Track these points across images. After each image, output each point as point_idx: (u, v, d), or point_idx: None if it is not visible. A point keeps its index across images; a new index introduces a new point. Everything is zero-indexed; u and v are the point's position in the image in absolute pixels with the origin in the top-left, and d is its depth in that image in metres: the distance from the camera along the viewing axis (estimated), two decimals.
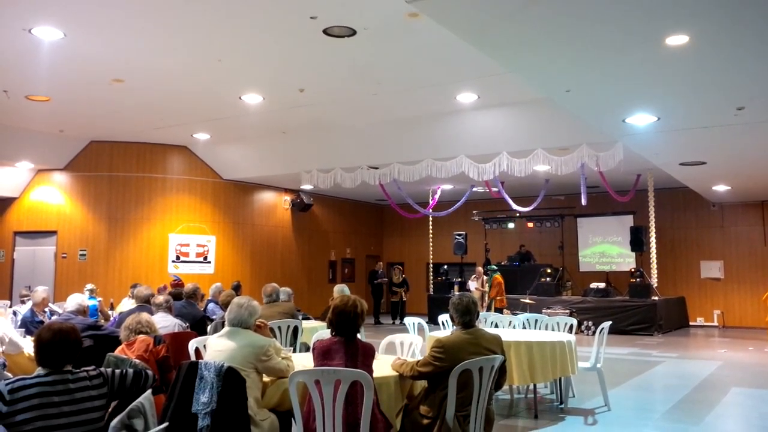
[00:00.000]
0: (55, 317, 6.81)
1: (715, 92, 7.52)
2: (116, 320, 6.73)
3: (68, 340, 2.97)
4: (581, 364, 6.66)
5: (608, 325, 6.97)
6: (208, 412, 3.57)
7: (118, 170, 14.29)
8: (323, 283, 18.22)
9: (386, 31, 7.65)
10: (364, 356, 3.82)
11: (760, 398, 7.55)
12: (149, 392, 2.90)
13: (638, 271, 15.04)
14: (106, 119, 12.17)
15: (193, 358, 4.92)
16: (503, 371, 4.20)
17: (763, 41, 5.88)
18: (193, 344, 5.12)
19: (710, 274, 16.63)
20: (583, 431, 5.93)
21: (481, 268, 15.59)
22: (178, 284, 10.05)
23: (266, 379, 4.01)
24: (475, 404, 3.91)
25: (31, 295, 7.44)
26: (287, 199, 17.30)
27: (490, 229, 18.25)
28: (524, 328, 8.09)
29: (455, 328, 4.27)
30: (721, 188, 14.27)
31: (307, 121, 12.06)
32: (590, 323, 13.81)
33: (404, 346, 5.83)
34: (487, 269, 15.03)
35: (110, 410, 3.17)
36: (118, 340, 4.70)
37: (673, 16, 5.34)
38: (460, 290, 15.65)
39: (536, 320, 8.23)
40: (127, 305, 8.71)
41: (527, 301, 13.94)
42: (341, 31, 7.61)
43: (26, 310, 7.20)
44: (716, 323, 16.35)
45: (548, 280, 15.90)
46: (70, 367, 2.95)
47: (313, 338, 5.42)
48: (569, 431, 5.90)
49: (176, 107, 11.34)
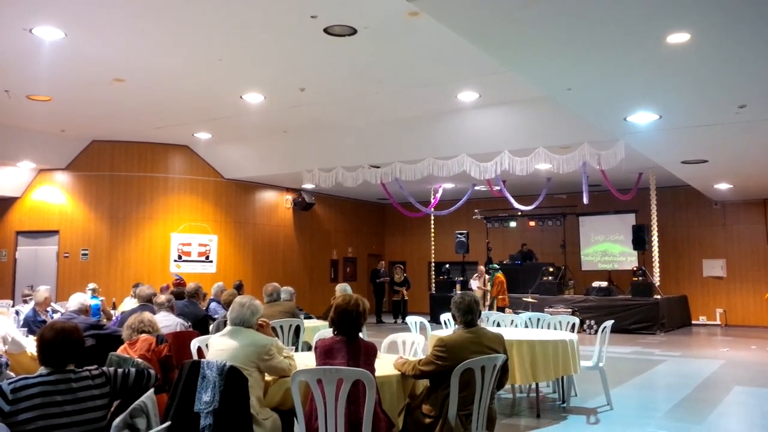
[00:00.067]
0: (57, 315, 6.82)
1: (716, 90, 7.51)
2: (118, 320, 6.73)
3: (71, 339, 2.97)
4: (583, 363, 6.65)
5: (610, 323, 6.97)
6: (210, 411, 3.57)
7: (119, 170, 14.31)
8: (325, 282, 18.24)
9: (387, 30, 7.64)
10: (366, 355, 3.82)
11: (762, 397, 7.54)
12: (151, 391, 2.90)
13: (640, 269, 15.03)
14: (107, 119, 12.18)
15: (195, 357, 4.93)
16: (505, 370, 4.20)
17: (764, 39, 5.86)
18: (195, 343, 5.13)
19: (712, 272, 16.61)
20: (585, 430, 5.92)
21: (483, 266, 15.60)
22: (180, 283, 10.06)
23: (268, 378, 4.01)
24: (477, 403, 3.91)
25: (33, 294, 7.45)
26: (289, 198, 17.30)
27: (491, 227, 18.24)
28: (526, 327, 8.09)
29: (457, 327, 4.26)
30: (723, 186, 14.25)
31: (308, 120, 12.06)
32: (592, 322, 13.80)
33: (406, 345, 5.83)
34: (489, 268, 15.03)
35: (113, 409, 3.17)
36: (120, 339, 4.70)
37: (674, 14, 5.33)
38: (462, 289, 15.63)
39: (538, 319, 8.23)
40: (129, 305, 8.73)
41: (529, 299, 13.93)
42: (342, 30, 7.61)
43: (28, 309, 7.21)
44: (719, 322, 16.33)
45: (550, 278, 15.90)
46: (72, 366, 2.96)
47: (315, 337, 5.42)
48: (571, 430, 5.89)
49: (177, 107, 11.34)
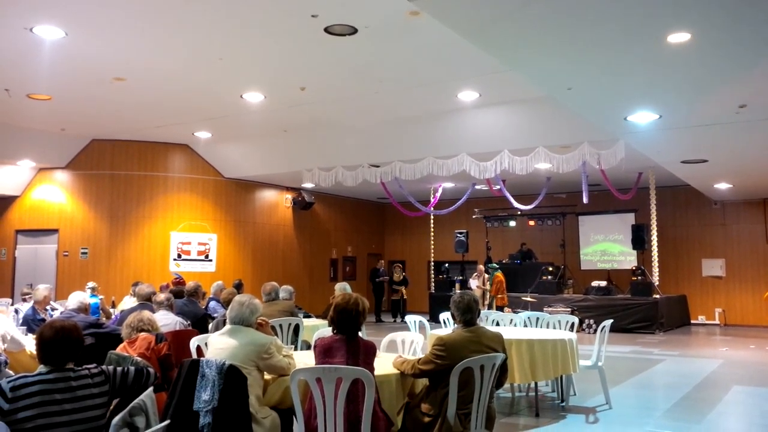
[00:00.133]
0: (56, 313, 6.82)
1: (716, 90, 7.51)
2: (118, 318, 6.73)
3: (70, 337, 2.98)
4: (582, 362, 6.66)
5: (609, 323, 6.97)
6: (209, 409, 3.58)
7: (119, 168, 14.31)
8: (324, 281, 18.24)
9: (387, 29, 7.64)
10: (365, 354, 3.82)
11: (761, 396, 7.54)
12: (151, 390, 2.90)
13: (639, 269, 15.04)
14: (107, 118, 12.18)
15: (194, 355, 4.93)
16: (504, 369, 4.21)
17: (765, 39, 5.86)
18: (194, 342, 5.13)
19: (712, 272, 16.62)
20: (584, 429, 5.93)
21: (482, 266, 15.62)
22: (179, 282, 10.05)
23: (267, 377, 4.01)
24: (476, 402, 3.91)
25: (32, 293, 7.45)
26: (288, 197, 17.30)
27: (491, 227, 18.24)
28: (525, 326, 8.10)
29: (456, 326, 4.27)
30: (722, 186, 14.25)
31: (308, 119, 12.05)
32: (591, 321, 13.81)
33: (405, 344, 5.83)
34: (488, 267, 15.03)
35: (112, 408, 3.18)
36: (119, 338, 4.70)
37: (674, 13, 5.33)
38: (461, 288, 15.65)
39: (537, 318, 8.24)
40: (128, 303, 8.72)
41: (528, 299, 13.94)
42: (342, 29, 7.61)
43: (28, 308, 7.21)
44: (718, 321, 16.34)
45: (549, 278, 15.90)
46: (71, 364, 2.96)
47: (314, 336, 5.42)
48: (570, 429, 5.90)
49: (177, 106, 11.34)
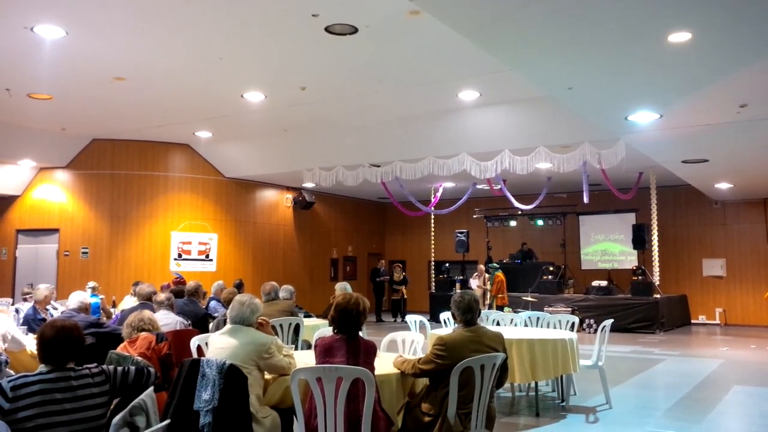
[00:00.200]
0: (56, 313, 6.82)
1: (717, 90, 7.51)
2: (118, 318, 6.74)
3: (71, 337, 2.98)
4: (583, 362, 6.66)
5: (610, 323, 6.97)
6: (209, 409, 3.58)
7: (120, 168, 14.31)
8: (325, 281, 18.24)
9: (388, 28, 7.64)
10: (365, 354, 3.82)
11: (761, 396, 7.54)
12: (151, 389, 2.90)
13: (640, 269, 15.04)
14: (107, 117, 12.18)
15: (195, 355, 4.93)
16: (505, 369, 4.21)
17: (765, 39, 5.86)
18: (195, 342, 5.13)
19: (712, 272, 16.61)
20: (584, 429, 5.93)
21: (482, 265, 15.61)
22: (180, 282, 10.06)
23: (268, 376, 4.02)
24: (476, 402, 3.91)
25: (33, 292, 7.45)
26: (289, 197, 17.31)
27: (491, 227, 18.24)
28: (526, 326, 8.09)
29: (457, 325, 4.26)
30: (723, 186, 14.24)
31: (308, 119, 12.05)
32: (592, 321, 13.81)
33: (406, 343, 5.83)
34: (488, 267, 15.03)
35: (112, 407, 3.18)
36: (120, 337, 4.70)
37: (675, 13, 5.33)
38: (461, 288, 15.64)
39: (538, 318, 8.24)
40: (129, 303, 8.72)
41: (529, 299, 13.93)
42: (343, 29, 7.61)
43: (28, 307, 7.21)
44: (718, 321, 16.33)
45: (550, 278, 15.90)
46: (72, 364, 2.96)
47: (314, 336, 5.43)
48: (571, 429, 5.90)
49: (178, 105, 11.34)
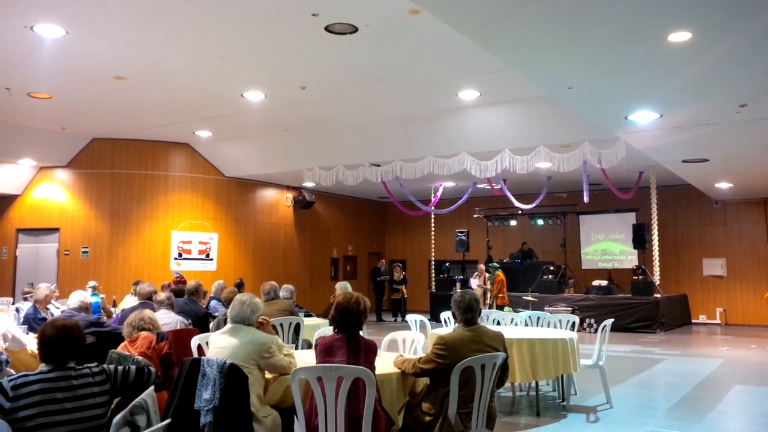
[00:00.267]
0: (57, 312, 6.82)
1: (717, 89, 7.50)
2: (119, 317, 6.74)
3: (72, 336, 2.98)
4: (583, 361, 6.65)
5: (610, 322, 6.97)
6: (210, 408, 3.58)
7: (120, 167, 14.31)
8: (325, 280, 18.24)
9: (388, 28, 7.64)
10: (366, 353, 3.82)
11: (762, 396, 7.54)
12: (152, 389, 2.90)
13: (640, 268, 15.03)
14: (108, 116, 12.18)
15: (195, 354, 4.93)
16: (505, 368, 4.21)
17: (766, 38, 5.86)
18: (195, 341, 5.13)
19: (713, 271, 16.61)
20: (585, 429, 5.93)
21: (483, 265, 15.60)
22: (180, 281, 10.06)
23: (268, 376, 4.02)
24: (477, 401, 3.91)
25: (33, 291, 7.45)
26: (289, 196, 17.30)
27: (492, 226, 18.24)
28: (526, 325, 8.09)
29: (457, 325, 4.27)
30: (723, 185, 14.24)
31: (308, 118, 12.05)
32: (592, 321, 13.81)
33: (406, 343, 5.83)
34: (489, 267, 15.03)
35: (113, 407, 3.18)
36: (120, 337, 4.70)
37: (675, 12, 5.32)
38: (462, 288, 15.64)
39: (538, 318, 8.24)
40: (129, 302, 8.73)
41: (529, 298, 13.93)
42: (342, 28, 7.60)
43: (29, 307, 7.21)
44: (718, 321, 16.33)
45: (550, 277, 15.91)
46: (73, 363, 2.96)
47: (315, 335, 5.42)
48: (571, 429, 5.89)
49: (178, 105, 11.34)
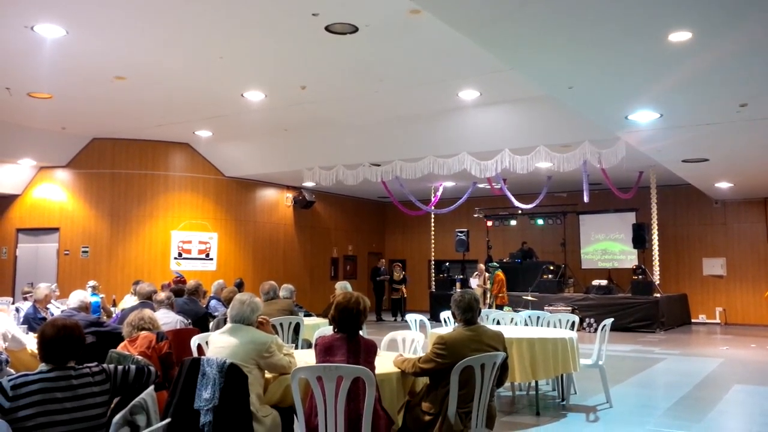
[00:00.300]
0: (57, 312, 6.82)
1: (717, 89, 7.51)
2: (118, 317, 6.74)
3: (72, 336, 2.98)
4: (583, 361, 6.65)
5: (610, 322, 6.97)
6: (210, 408, 3.58)
7: (120, 167, 14.31)
8: (325, 280, 18.24)
9: (388, 28, 7.64)
10: (366, 353, 3.82)
11: (762, 395, 7.54)
12: (151, 388, 2.90)
13: (640, 268, 15.03)
14: (108, 116, 12.18)
15: (195, 354, 4.93)
16: (505, 368, 4.21)
17: (766, 38, 5.86)
18: (195, 341, 5.13)
19: (712, 271, 16.61)
20: (584, 428, 5.93)
21: (482, 265, 15.61)
22: (180, 281, 10.06)
23: (268, 375, 4.02)
24: (476, 401, 3.91)
25: (33, 291, 7.46)
26: (289, 196, 17.31)
27: (492, 226, 18.24)
28: (526, 325, 8.09)
29: (457, 325, 4.27)
30: (723, 185, 14.24)
31: (308, 118, 12.05)
32: (592, 320, 13.81)
33: (406, 342, 5.83)
34: (488, 266, 15.03)
35: (113, 406, 3.18)
36: (120, 336, 4.70)
37: (675, 12, 5.32)
38: (462, 287, 15.64)
39: (538, 317, 8.23)
40: (129, 302, 8.73)
41: (529, 298, 13.93)
42: (343, 28, 7.61)
43: (29, 306, 7.21)
44: (718, 320, 16.34)
45: (550, 277, 15.91)
46: (73, 363, 2.96)
47: (315, 335, 5.42)
48: (571, 428, 5.90)
49: (178, 104, 11.34)
